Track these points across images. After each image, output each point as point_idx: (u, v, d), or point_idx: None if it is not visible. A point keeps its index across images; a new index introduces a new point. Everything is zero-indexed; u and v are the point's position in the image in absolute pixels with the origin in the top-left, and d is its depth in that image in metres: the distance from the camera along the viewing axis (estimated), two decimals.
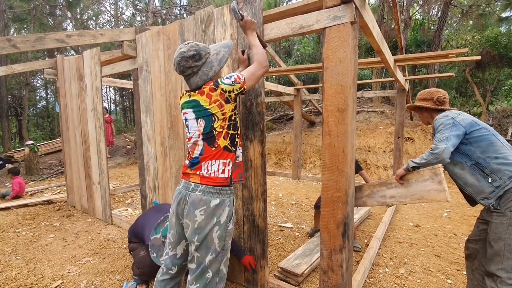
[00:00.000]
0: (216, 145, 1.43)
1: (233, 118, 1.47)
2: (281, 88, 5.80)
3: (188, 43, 1.45)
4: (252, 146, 1.99)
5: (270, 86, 5.47)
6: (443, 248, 2.86)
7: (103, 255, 2.70)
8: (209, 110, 1.40)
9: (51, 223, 3.60)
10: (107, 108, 6.91)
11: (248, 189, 2.04)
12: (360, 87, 9.51)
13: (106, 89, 18.64)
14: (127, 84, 5.58)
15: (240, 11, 1.63)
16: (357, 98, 8.64)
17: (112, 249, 2.82)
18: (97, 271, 2.41)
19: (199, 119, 1.44)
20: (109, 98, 19.75)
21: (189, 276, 1.47)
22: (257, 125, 1.96)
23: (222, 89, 1.40)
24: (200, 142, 1.45)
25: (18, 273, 2.38)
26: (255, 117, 1.96)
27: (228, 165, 1.46)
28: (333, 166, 1.65)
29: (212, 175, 1.43)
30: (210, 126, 1.42)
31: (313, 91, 10.12)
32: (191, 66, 1.43)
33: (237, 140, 1.52)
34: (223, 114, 1.42)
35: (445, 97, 1.90)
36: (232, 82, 1.42)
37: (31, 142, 7.39)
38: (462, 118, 1.68)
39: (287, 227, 3.46)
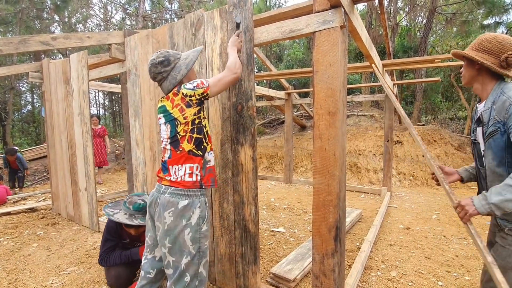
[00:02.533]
0: (181, 149, 1.45)
1: (196, 122, 1.48)
2: (272, 92, 5.82)
3: (158, 51, 1.53)
4: (243, 150, 1.97)
5: (261, 90, 5.48)
6: (433, 250, 2.89)
7: (89, 265, 2.61)
8: (172, 115, 1.45)
9: (34, 231, 3.47)
10: (98, 116, 6.54)
11: (239, 194, 2.01)
12: (350, 92, 9.66)
13: (95, 94, 18.31)
14: (116, 88, 5.48)
15: (238, 26, 1.85)
16: (347, 102, 8.75)
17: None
18: (82, 282, 2.32)
19: (167, 124, 1.49)
20: (98, 102, 19.40)
21: (168, 282, 1.45)
22: (248, 129, 1.94)
23: (183, 93, 1.44)
24: (168, 146, 1.50)
25: None
26: (246, 121, 1.94)
27: (196, 170, 1.47)
28: (324, 170, 1.65)
29: (179, 179, 1.44)
30: (174, 130, 1.46)
31: (304, 95, 10.20)
32: (160, 72, 1.50)
33: (205, 144, 1.52)
34: (184, 118, 1.44)
35: None
36: (194, 87, 1.45)
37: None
38: None
39: (279, 232, 3.43)
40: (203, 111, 1.54)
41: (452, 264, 2.59)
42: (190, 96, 1.44)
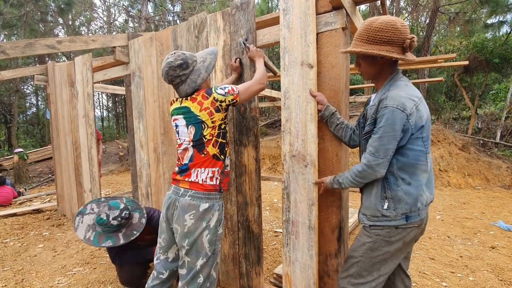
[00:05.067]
0: (206, 152, 1.45)
1: (222, 127, 1.49)
2: (274, 93, 5.83)
3: (174, 53, 1.48)
4: (246, 151, 1.98)
5: (263, 91, 5.49)
6: (437, 251, 2.88)
7: (94, 265, 2.63)
8: (199, 117, 1.42)
9: (40, 232, 3.51)
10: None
11: (243, 195, 2.03)
12: (353, 92, 9.64)
13: (98, 95, 18.44)
14: (120, 90, 5.53)
15: (246, 43, 1.81)
16: (350, 102, 8.75)
17: (103, 259, 2.75)
18: (88, 282, 2.34)
19: (190, 126, 1.45)
20: (101, 104, 19.53)
21: (179, 283, 1.46)
22: (251, 130, 1.95)
23: (214, 97, 1.43)
24: (190, 149, 1.47)
25: (5, 285, 2.29)
26: (249, 122, 1.95)
27: (217, 174, 1.48)
28: (327, 170, 1.65)
29: (201, 182, 1.44)
30: (200, 133, 1.44)
31: None
32: (179, 75, 1.45)
33: (226, 149, 1.54)
34: (212, 122, 1.44)
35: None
36: (225, 93, 1.45)
37: (20, 149, 7.23)
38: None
39: (282, 233, 3.44)
40: (227, 117, 1.56)
41: (456, 265, 2.58)
42: (221, 101, 1.44)
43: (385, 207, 1.21)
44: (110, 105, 19.35)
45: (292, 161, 1.67)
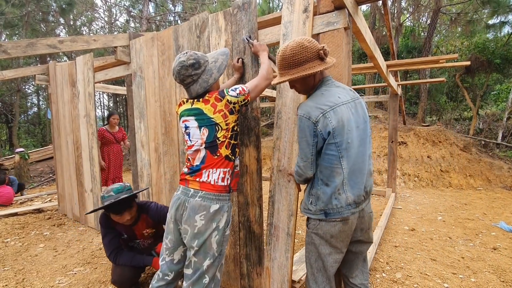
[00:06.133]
0: (218, 154, 1.45)
1: (235, 128, 1.50)
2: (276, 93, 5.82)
3: (186, 52, 1.46)
4: (247, 152, 1.98)
5: (265, 91, 5.48)
6: (439, 252, 2.87)
7: (95, 265, 2.63)
8: (213, 120, 1.42)
9: (41, 232, 3.51)
10: (119, 113, 5.25)
11: (244, 195, 2.02)
12: None
13: (100, 95, 18.46)
14: (121, 90, 5.54)
15: (249, 39, 1.82)
16: None
17: (104, 259, 2.75)
18: (88, 282, 2.34)
19: (202, 128, 1.44)
20: (102, 104, 19.55)
21: (184, 283, 1.45)
22: (253, 130, 1.95)
23: (228, 100, 1.43)
24: (203, 151, 1.46)
25: (6, 285, 2.30)
26: (250, 122, 1.95)
27: (228, 174, 1.49)
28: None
29: (212, 182, 1.44)
30: (213, 136, 1.43)
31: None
32: (191, 75, 1.44)
33: (237, 149, 1.54)
34: (226, 124, 1.44)
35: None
36: (237, 94, 1.45)
37: (21, 149, 7.23)
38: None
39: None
40: (239, 118, 1.56)
41: (458, 266, 2.57)
42: (234, 103, 1.44)
43: (309, 202, 1.38)
44: (111, 105, 19.36)
45: (278, 175, 1.79)
